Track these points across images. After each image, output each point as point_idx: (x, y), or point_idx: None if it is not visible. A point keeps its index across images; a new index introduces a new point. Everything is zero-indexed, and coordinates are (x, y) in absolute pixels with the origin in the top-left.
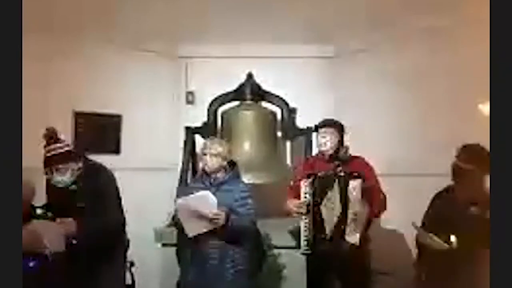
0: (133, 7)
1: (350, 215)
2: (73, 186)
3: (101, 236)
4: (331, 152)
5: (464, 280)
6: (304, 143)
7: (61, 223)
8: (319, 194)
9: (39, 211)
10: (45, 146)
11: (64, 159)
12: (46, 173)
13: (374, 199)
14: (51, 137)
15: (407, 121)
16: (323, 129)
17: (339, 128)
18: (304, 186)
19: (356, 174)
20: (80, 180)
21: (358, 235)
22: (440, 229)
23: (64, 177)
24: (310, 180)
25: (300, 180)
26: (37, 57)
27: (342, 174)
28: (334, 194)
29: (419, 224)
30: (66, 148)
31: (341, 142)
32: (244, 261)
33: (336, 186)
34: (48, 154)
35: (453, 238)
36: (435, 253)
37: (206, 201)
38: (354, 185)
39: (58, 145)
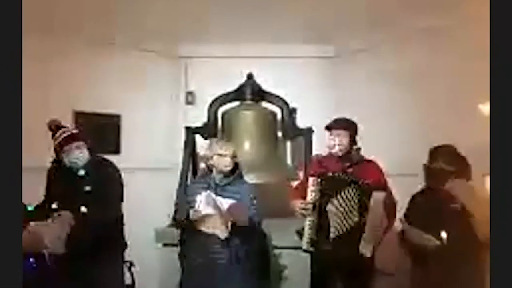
0: (133, 7)
1: (368, 227)
2: (81, 172)
3: (102, 222)
4: (340, 154)
5: (455, 275)
6: (304, 143)
7: (58, 217)
8: (327, 194)
9: (30, 208)
10: (54, 133)
11: (81, 137)
12: (64, 153)
13: (386, 208)
14: (59, 125)
15: (407, 121)
16: (333, 131)
17: (351, 128)
18: (313, 184)
19: (379, 187)
20: (89, 166)
21: (371, 247)
22: (425, 226)
23: (82, 154)
24: (319, 179)
25: (309, 177)
26: (37, 57)
27: (359, 181)
28: (349, 199)
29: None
30: (78, 130)
31: (353, 142)
32: (252, 262)
33: (351, 190)
34: (65, 134)
35: (443, 235)
36: (425, 250)
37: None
38: (378, 197)
39: (69, 127)
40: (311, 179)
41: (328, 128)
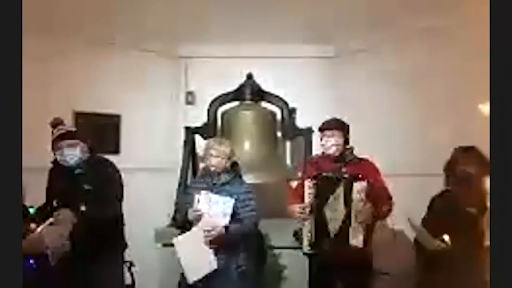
0: (133, 7)
1: (353, 218)
2: (80, 170)
3: (101, 221)
4: (337, 154)
5: (461, 280)
6: (303, 143)
7: (58, 216)
8: (323, 195)
9: (31, 210)
10: (53, 131)
11: (75, 135)
12: (57, 151)
13: (382, 201)
14: (60, 122)
15: (407, 121)
16: (327, 132)
17: (344, 127)
18: (308, 187)
19: (360, 176)
20: (88, 165)
21: (361, 238)
22: (441, 229)
23: (75, 152)
24: (314, 181)
25: (304, 180)
26: (37, 57)
27: (346, 175)
28: (338, 196)
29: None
30: (74, 129)
31: (346, 142)
32: (249, 262)
33: (340, 188)
34: (59, 132)
35: (446, 238)
36: (435, 252)
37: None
38: (359, 187)
39: (67, 126)
40: (306, 182)
41: (323, 129)
